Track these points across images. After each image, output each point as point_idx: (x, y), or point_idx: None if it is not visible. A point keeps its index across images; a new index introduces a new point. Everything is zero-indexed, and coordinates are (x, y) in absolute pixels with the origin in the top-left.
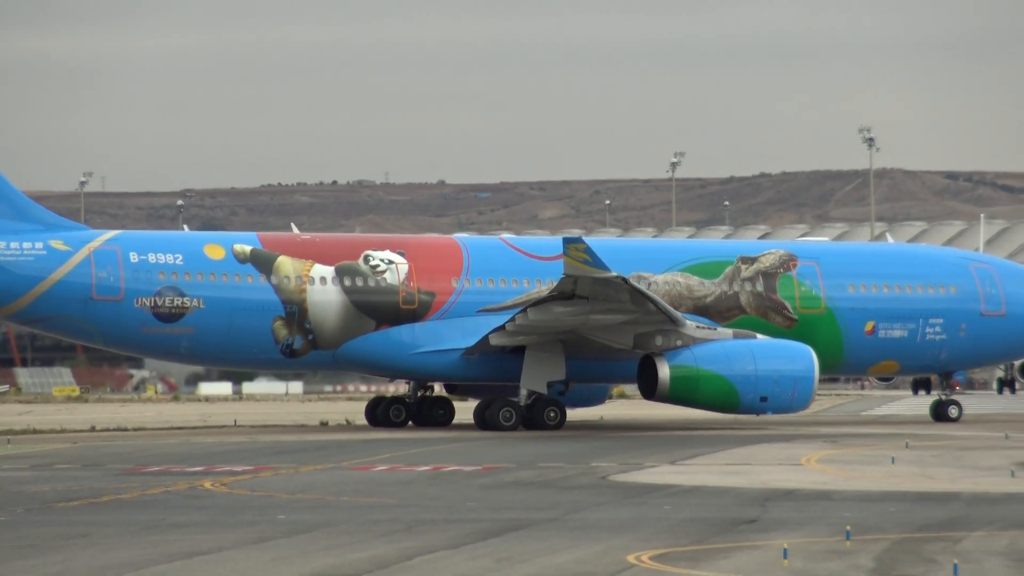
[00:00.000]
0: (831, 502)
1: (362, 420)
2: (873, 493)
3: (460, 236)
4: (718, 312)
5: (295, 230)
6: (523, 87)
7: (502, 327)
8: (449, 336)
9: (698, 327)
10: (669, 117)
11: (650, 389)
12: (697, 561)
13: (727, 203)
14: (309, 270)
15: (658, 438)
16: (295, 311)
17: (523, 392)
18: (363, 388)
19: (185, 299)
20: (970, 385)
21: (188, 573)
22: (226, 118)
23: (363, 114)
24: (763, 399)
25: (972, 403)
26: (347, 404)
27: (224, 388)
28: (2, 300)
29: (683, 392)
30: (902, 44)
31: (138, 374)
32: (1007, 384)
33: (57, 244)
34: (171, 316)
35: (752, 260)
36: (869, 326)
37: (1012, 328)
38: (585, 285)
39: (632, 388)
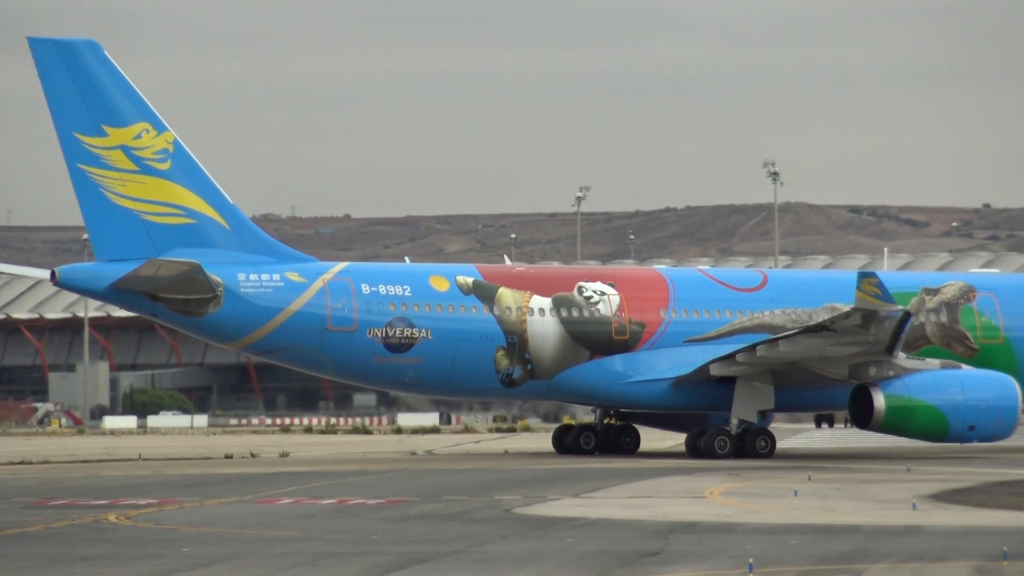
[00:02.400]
0: (734, 535)
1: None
2: (775, 526)
3: (663, 268)
4: (906, 343)
5: (507, 261)
6: (429, 122)
7: (729, 356)
8: (659, 366)
9: (908, 358)
10: (575, 152)
11: (864, 418)
12: None
13: (632, 236)
14: (528, 301)
15: (561, 471)
16: (516, 341)
17: (734, 421)
18: (268, 421)
19: (414, 330)
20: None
21: None
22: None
23: (271, 148)
24: (971, 428)
25: (866, 437)
26: (251, 437)
27: (129, 421)
28: (243, 331)
29: (897, 422)
30: (806, 82)
31: (43, 407)
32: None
33: (293, 276)
34: (400, 346)
35: (935, 292)
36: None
37: None
38: (868, 318)
39: (534, 421)
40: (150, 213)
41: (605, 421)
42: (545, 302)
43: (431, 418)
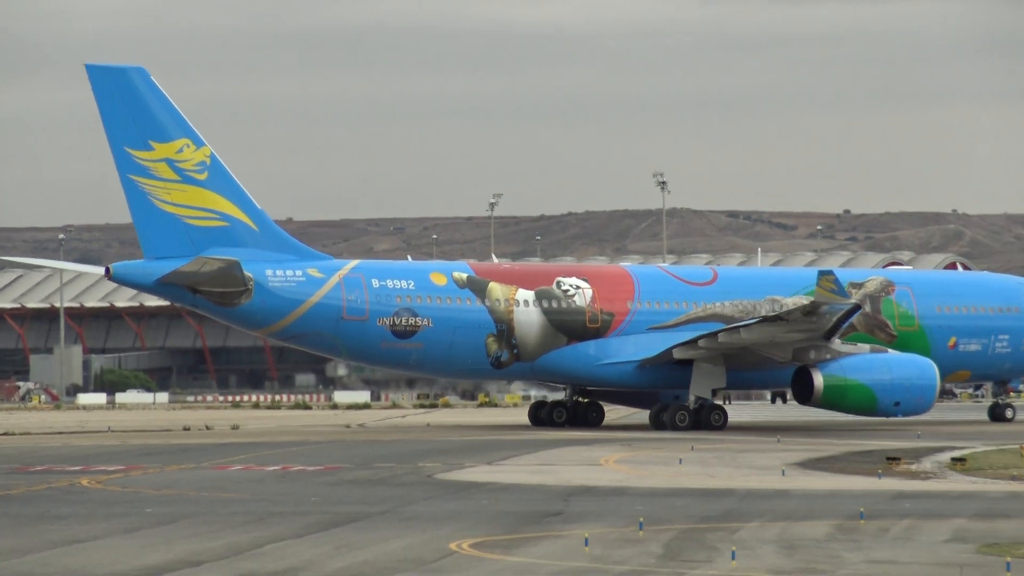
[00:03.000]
0: (626, 497)
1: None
2: (662, 489)
3: (629, 266)
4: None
5: (494, 260)
6: (364, 137)
7: (691, 341)
8: (627, 350)
9: (842, 343)
10: (489, 163)
11: (805, 395)
12: (510, 548)
13: (539, 237)
14: (515, 294)
15: (476, 442)
16: (504, 329)
17: (692, 398)
18: (220, 398)
19: (417, 319)
20: (747, 396)
21: (68, 559)
22: (101, 162)
23: (234, 160)
24: (896, 404)
25: (750, 411)
26: (206, 412)
27: (99, 398)
28: (271, 320)
29: (833, 398)
30: (690, 102)
31: (24, 386)
32: (779, 395)
33: (313, 272)
34: (405, 333)
35: (860, 286)
36: (952, 341)
37: None
38: (812, 309)
39: (454, 398)
40: (190, 217)
41: (574, 399)
42: (529, 294)
43: (363, 395)
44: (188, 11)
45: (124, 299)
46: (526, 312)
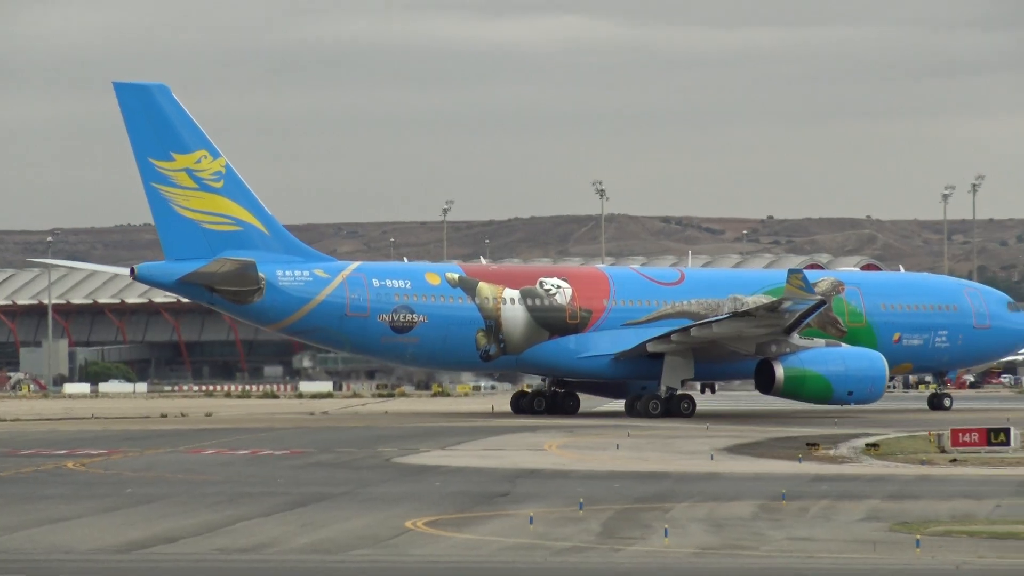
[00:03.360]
0: (568, 479)
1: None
2: (601, 472)
3: (604, 267)
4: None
5: (483, 261)
6: (327, 147)
7: (664, 336)
8: (603, 344)
9: (800, 337)
10: (443, 172)
11: (767, 386)
12: (461, 526)
13: (487, 240)
14: (502, 293)
15: (431, 428)
16: (492, 325)
17: (663, 388)
18: (195, 388)
19: (414, 315)
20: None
21: (54, 536)
22: (86, 169)
23: None
24: (850, 393)
25: (717, 401)
26: (182, 400)
27: (84, 388)
28: (281, 316)
29: (793, 388)
30: (627, 116)
31: (15, 376)
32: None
33: (319, 272)
34: (403, 328)
35: (813, 285)
36: (896, 336)
37: (995, 338)
38: (774, 307)
39: (409, 388)
40: (207, 222)
41: (552, 389)
42: (515, 293)
43: (326, 386)
44: (158, 30)
45: (106, 296)
46: (512, 309)
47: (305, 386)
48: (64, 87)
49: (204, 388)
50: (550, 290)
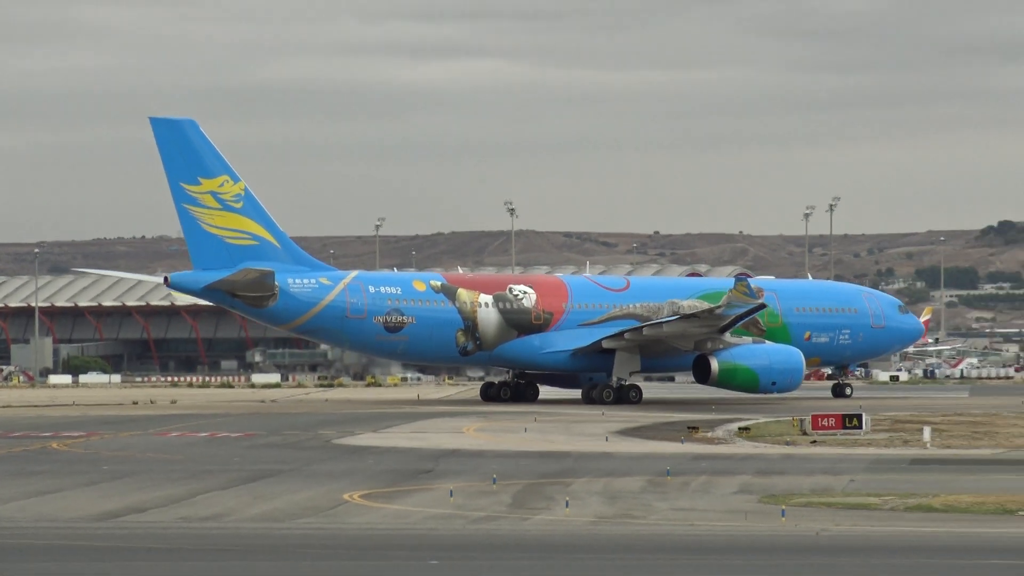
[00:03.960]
0: (483, 458)
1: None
2: (511, 452)
3: (563, 276)
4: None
5: (460, 271)
6: (279, 172)
7: (618, 334)
8: (563, 342)
9: (730, 335)
10: (375, 192)
11: (704, 377)
12: (391, 498)
13: (414, 252)
14: (478, 298)
15: (365, 413)
16: (470, 325)
17: (615, 379)
18: (162, 379)
19: (404, 317)
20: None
21: (41, 506)
22: (70, 187)
23: (149, 181)
24: (773, 383)
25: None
26: (150, 389)
27: (66, 379)
28: (291, 318)
29: (726, 379)
30: (535, 143)
31: (7, 369)
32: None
33: (324, 280)
34: (395, 328)
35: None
36: (807, 335)
37: (889, 336)
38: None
39: (347, 379)
40: (229, 237)
41: (516, 381)
42: (488, 298)
43: (275, 377)
44: (124, 73)
45: (85, 300)
46: (486, 312)
47: (257, 377)
48: (47, 121)
49: (170, 379)
50: (518, 295)
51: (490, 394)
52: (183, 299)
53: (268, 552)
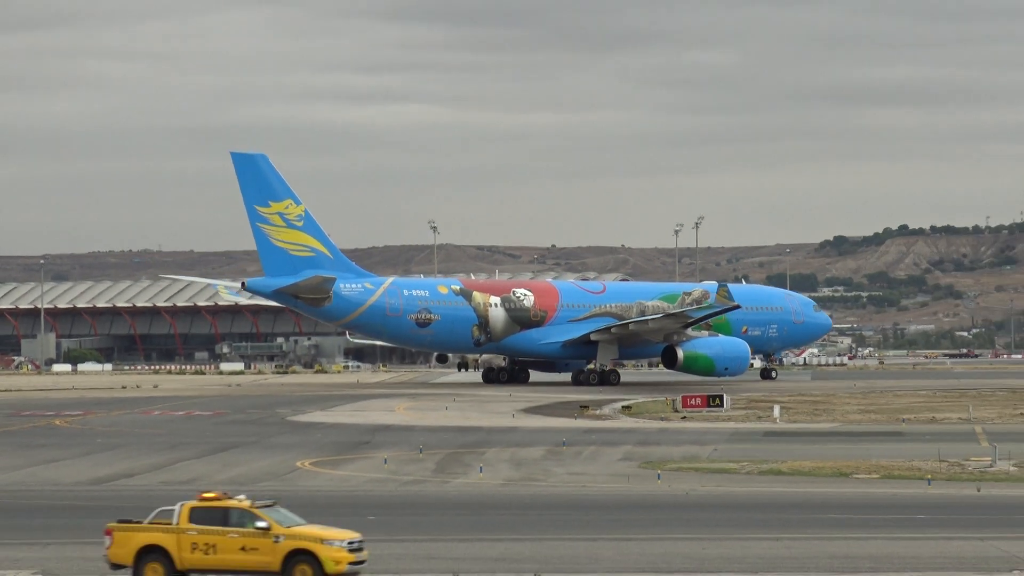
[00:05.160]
0: (412, 432)
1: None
2: (435, 427)
3: (554, 281)
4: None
5: (472, 277)
6: (236, 198)
7: (606, 329)
8: (556, 335)
9: (692, 330)
10: (320, 212)
11: (671, 363)
12: (336, 465)
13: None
14: (489, 299)
15: (314, 395)
16: (482, 321)
17: (599, 365)
18: (146, 368)
19: (432, 315)
20: (488, 364)
21: (47, 472)
22: (72, 205)
23: (136, 204)
24: (726, 369)
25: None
26: (137, 376)
27: (67, 368)
28: (343, 316)
29: (689, 365)
30: (456, 173)
31: (18, 359)
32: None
33: (367, 284)
34: (424, 324)
35: (689, 294)
36: (744, 329)
37: (807, 330)
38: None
39: (299, 367)
40: (293, 250)
41: (513, 366)
42: (497, 299)
43: (239, 366)
44: (110, 116)
45: (83, 302)
46: (496, 311)
47: (224, 366)
48: (42, 155)
49: (152, 368)
50: (520, 297)
51: (490, 377)
52: (164, 300)
53: None
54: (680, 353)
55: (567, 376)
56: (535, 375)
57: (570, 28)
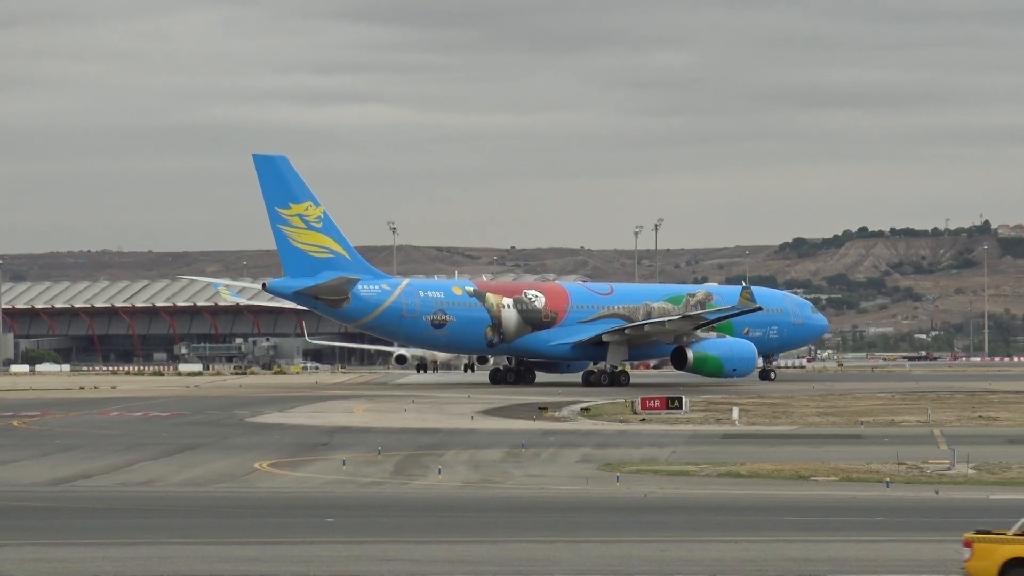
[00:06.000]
0: (370, 433)
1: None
2: (394, 428)
3: (563, 283)
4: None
5: (484, 278)
6: (203, 197)
7: (619, 330)
8: (566, 336)
9: (703, 332)
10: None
11: (681, 364)
12: (295, 467)
13: None
14: (502, 300)
15: (272, 396)
16: (496, 322)
17: (609, 366)
18: (104, 368)
19: (447, 316)
20: (446, 366)
21: (4, 473)
22: (30, 205)
23: (97, 204)
24: (734, 370)
25: (452, 377)
26: (94, 377)
27: (24, 368)
28: (361, 316)
29: (699, 366)
30: (415, 175)
31: None
32: (469, 367)
33: (384, 286)
34: (439, 325)
35: (693, 295)
36: (746, 330)
37: (806, 331)
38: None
39: (258, 368)
40: (312, 252)
41: (519, 368)
42: (510, 300)
43: (198, 367)
44: (68, 116)
45: (41, 303)
46: (509, 312)
47: (183, 367)
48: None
49: (111, 369)
50: (532, 299)
51: (497, 378)
52: (123, 301)
53: (193, 511)
54: (690, 354)
55: (576, 377)
56: (540, 376)
57: (529, 29)
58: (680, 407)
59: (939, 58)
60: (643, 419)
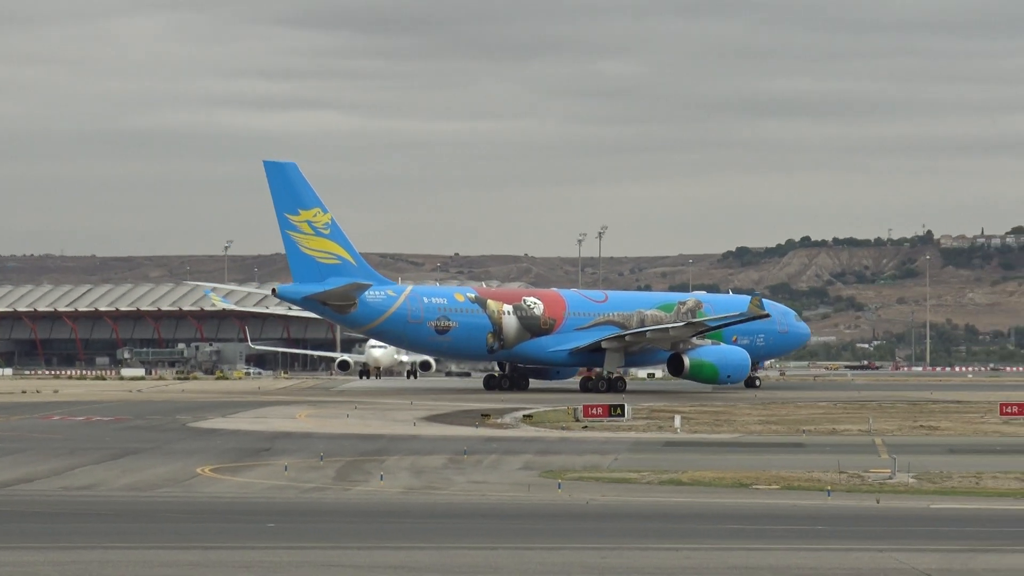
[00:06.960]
0: (312, 439)
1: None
2: (336, 434)
3: (560, 291)
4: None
5: (484, 285)
6: (149, 201)
7: (618, 337)
8: (564, 342)
9: (699, 339)
10: (225, 219)
11: (677, 371)
12: (236, 472)
13: (256, 269)
14: (502, 307)
15: (215, 402)
16: (496, 329)
17: (606, 372)
18: (47, 373)
19: (450, 322)
20: (389, 372)
21: None
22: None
23: (39, 207)
24: (728, 376)
25: (390, 383)
26: (37, 381)
27: None
28: (367, 322)
29: (695, 373)
30: (360, 180)
31: None
32: (411, 373)
33: (389, 292)
34: (443, 331)
35: (684, 303)
36: (735, 338)
37: (791, 339)
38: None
39: (200, 374)
40: (320, 258)
41: (513, 374)
42: (510, 307)
43: (140, 372)
44: (25, 121)
45: None
46: (509, 318)
47: (125, 371)
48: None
49: (53, 373)
50: (531, 306)
51: (491, 384)
52: (65, 305)
53: (134, 516)
54: (687, 361)
55: (573, 383)
56: (535, 383)
57: (477, 37)
58: (623, 415)
59: (883, 69)
60: (585, 426)
